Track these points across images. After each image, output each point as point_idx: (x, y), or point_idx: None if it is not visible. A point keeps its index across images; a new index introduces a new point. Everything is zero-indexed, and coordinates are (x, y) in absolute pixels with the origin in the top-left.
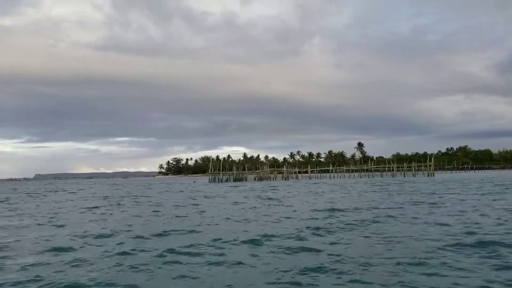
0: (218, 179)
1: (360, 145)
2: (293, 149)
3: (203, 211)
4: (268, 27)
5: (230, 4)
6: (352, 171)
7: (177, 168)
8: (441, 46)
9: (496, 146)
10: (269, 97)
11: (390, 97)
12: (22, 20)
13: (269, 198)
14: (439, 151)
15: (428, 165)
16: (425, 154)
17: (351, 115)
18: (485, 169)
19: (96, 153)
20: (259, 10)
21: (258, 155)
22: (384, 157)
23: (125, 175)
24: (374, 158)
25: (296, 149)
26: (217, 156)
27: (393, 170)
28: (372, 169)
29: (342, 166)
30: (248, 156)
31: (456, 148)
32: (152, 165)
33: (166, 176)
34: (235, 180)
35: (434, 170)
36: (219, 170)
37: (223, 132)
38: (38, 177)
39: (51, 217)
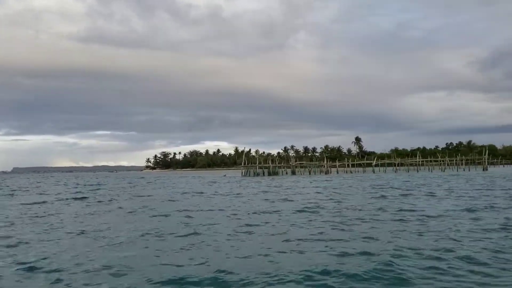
0: (254, 173)
1: (357, 139)
2: (275, 144)
3: None
4: (253, 21)
5: None
6: (394, 165)
7: (165, 162)
8: (425, 43)
9: (477, 142)
10: (253, 92)
11: (373, 93)
12: (3, 10)
13: None
14: (437, 146)
15: (484, 159)
16: (424, 149)
17: (335, 111)
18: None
19: (75, 146)
20: (244, 3)
21: (250, 149)
22: (376, 152)
23: (114, 169)
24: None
25: (278, 144)
26: (207, 151)
27: (439, 163)
28: (419, 162)
29: (339, 161)
30: (229, 151)
31: (456, 143)
32: (133, 159)
33: (154, 170)
34: (270, 174)
35: (457, 165)
36: (253, 163)
37: (206, 127)
38: (16, 171)
39: None
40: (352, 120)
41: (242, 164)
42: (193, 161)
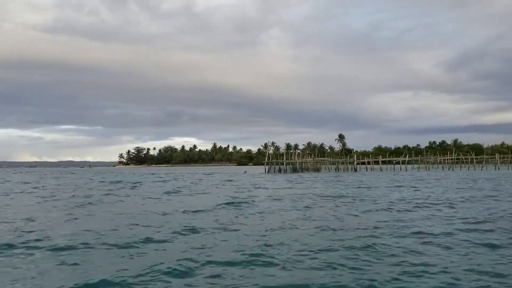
0: (282, 170)
1: (341, 137)
2: (246, 141)
3: None
4: (226, 15)
5: None
6: (424, 162)
7: (138, 158)
8: (396, 43)
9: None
10: (225, 88)
11: (345, 92)
12: None
13: None
14: (418, 145)
15: None
16: (408, 147)
17: (306, 109)
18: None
19: (40, 141)
20: None
21: (228, 145)
22: (354, 150)
23: (82, 164)
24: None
25: (249, 141)
26: (183, 146)
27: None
28: (455, 160)
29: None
30: (200, 146)
31: (439, 142)
32: (98, 155)
33: (127, 166)
34: (294, 171)
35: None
36: (269, 159)
37: (175, 122)
38: None
39: None
40: (322, 119)
41: (266, 159)
42: (169, 157)
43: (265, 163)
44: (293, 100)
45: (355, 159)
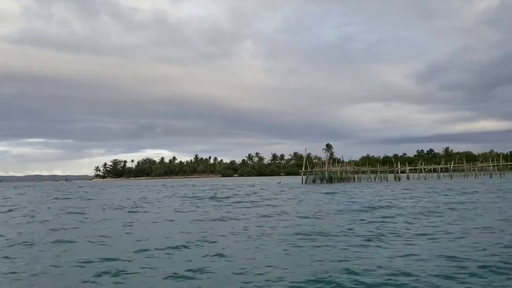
0: (321, 179)
1: (328, 146)
2: (219, 152)
3: None
4: (199, 27)
5: (159, 1)
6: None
7: (116, 171)
8: (366, 55)
9: (411, 150)
10: (198, 100)
11: (319, 103)
12: None
13: None
14: (405, 153)
15: None
16: (396, 156)
17: (280, 120)
18: None
19: (6, 155)
20: (190, 9)
21: (209, 156)
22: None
23: (65, 178)
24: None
25: (222, 152)
26: (162, 158)
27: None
28: (499, 166)
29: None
30: (179, 158)
31: (427, 151)
32: (67, 169)
33: (105, 179)
34: (330, 181)
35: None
36: (306, 168)
37: (147, 134)
38: None
39: None
40: (298, 129)
41: (303, 169)
42: (148, 169)
43: (302, 173)
44: (267, 111)
45: (399, 167)
